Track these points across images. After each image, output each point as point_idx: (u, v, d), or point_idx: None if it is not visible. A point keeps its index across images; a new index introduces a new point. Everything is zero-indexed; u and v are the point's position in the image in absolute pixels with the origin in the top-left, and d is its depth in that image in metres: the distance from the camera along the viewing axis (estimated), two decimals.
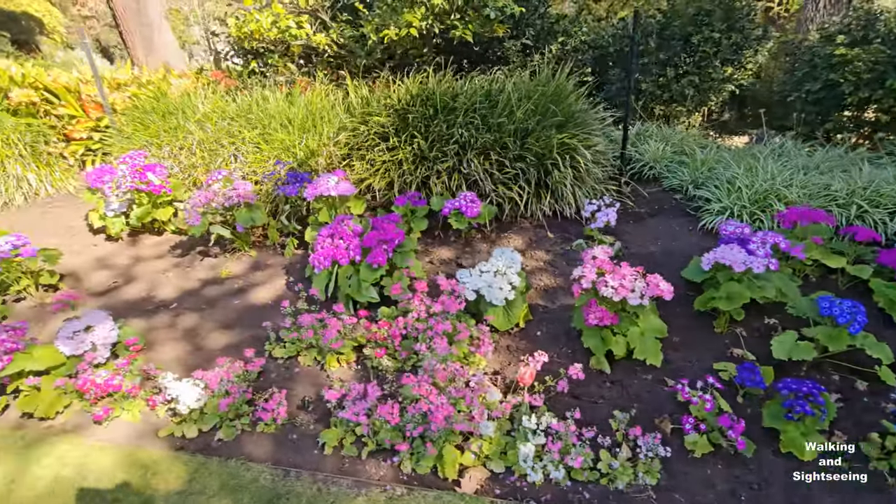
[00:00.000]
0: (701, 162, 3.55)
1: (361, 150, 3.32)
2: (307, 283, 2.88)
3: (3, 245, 2.61)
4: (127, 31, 8.95)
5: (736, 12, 3.93)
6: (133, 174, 3.16)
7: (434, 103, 3.18)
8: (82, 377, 2.09)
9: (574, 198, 3.11)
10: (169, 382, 2.01)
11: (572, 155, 3.07)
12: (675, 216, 3.31)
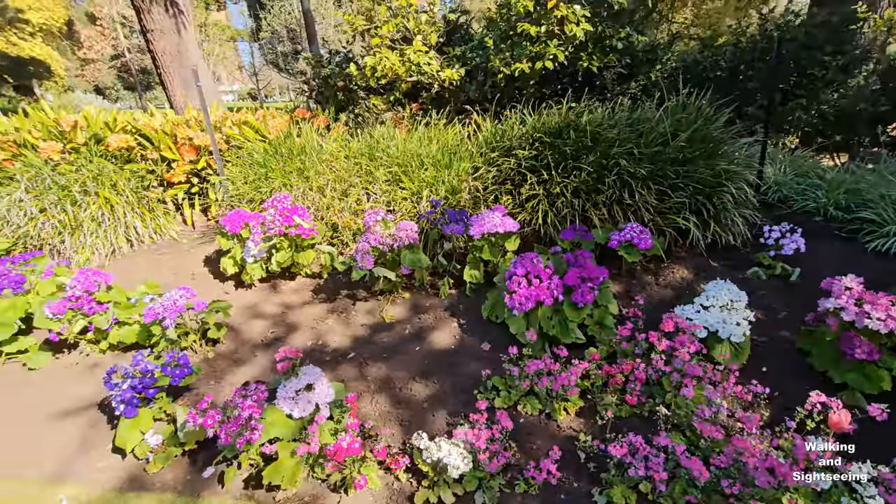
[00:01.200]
0: (836, 183, 3.54)
1: (507, 185, 3.26)
2: (485, 325, 2.77)
3: (177, 300, 2.48)
4: (166, 73, 8.95)
5: (842, 34, 4.01)
6: (283, 218, 3.05)
7: (585, 133, 3.14)
8: (311, 441, 1.94)
9: (737, 225, 3.06)
10: (425, 443, 1.86)
11: (732, 181, 3.03)
12: (827, 239, 3.26)
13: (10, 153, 3.89)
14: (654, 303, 2.82)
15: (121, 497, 1.97)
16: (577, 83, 4.34)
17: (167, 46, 9.04)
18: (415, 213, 3.34)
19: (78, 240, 3.67)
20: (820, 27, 3.99)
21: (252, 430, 1.78)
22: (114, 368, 2.07)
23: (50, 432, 2.28)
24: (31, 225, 3.60)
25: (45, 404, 2.45)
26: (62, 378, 2.63)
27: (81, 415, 2.38)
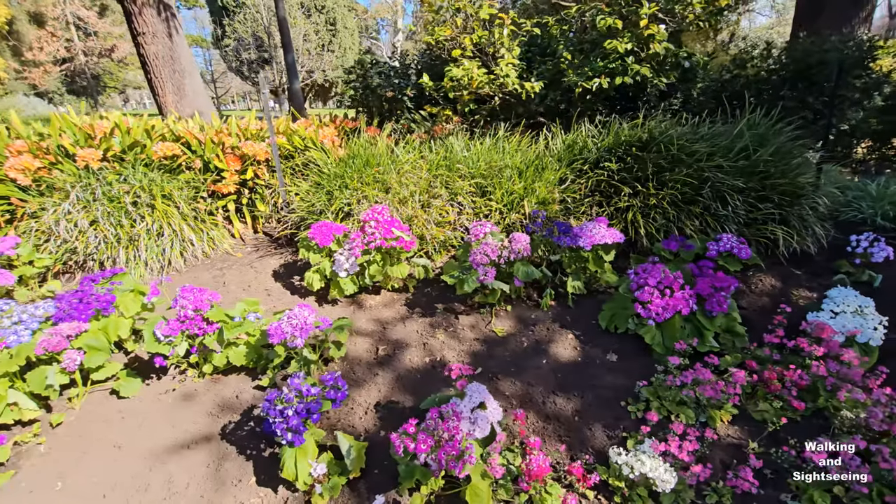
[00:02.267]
0: (881, 195, 3.82)
1: (596, 196, 3.30)
2: (603, 335, 2.77)
3: (307, 318, 2.33)
4: (157, 78, 8.56)
5: (864, 59, 4.37)
6: (384, 230, 2.94)
7: (672, 146, 3.24)
8: (492, 461, 1.86)
9: (814, 235, 3.23)
10: (623, 458, 1.83)
11: (813, 192, 3.21)
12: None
13: (46, 161, 3.56)
14: (756, 309, 2.92)
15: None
16: (625, 99, 4.47)
17: (159, 50, 8.66)
18: (504, 224, 3.32)
19: (130, 255, 3.40)
20: (848, 52, 4.32)
21: (464, 451, 1.68)
22: (275, 394, 1.91)
23: (173, 470, 2.07)
24: (82, 239, 3.29)
25: (152, 438, 2.22)
26: (159, 407, 2.40)
27: (200, 448, 2.17)
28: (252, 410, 2.35)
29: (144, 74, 8.90)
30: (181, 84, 9.14)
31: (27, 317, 2.41)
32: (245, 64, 31.04)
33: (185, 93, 9.20)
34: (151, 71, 8.62)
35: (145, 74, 8.86)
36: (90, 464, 2.11)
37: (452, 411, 1.79)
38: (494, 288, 2.79)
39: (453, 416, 1.76)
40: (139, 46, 8.44)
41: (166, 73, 8.82)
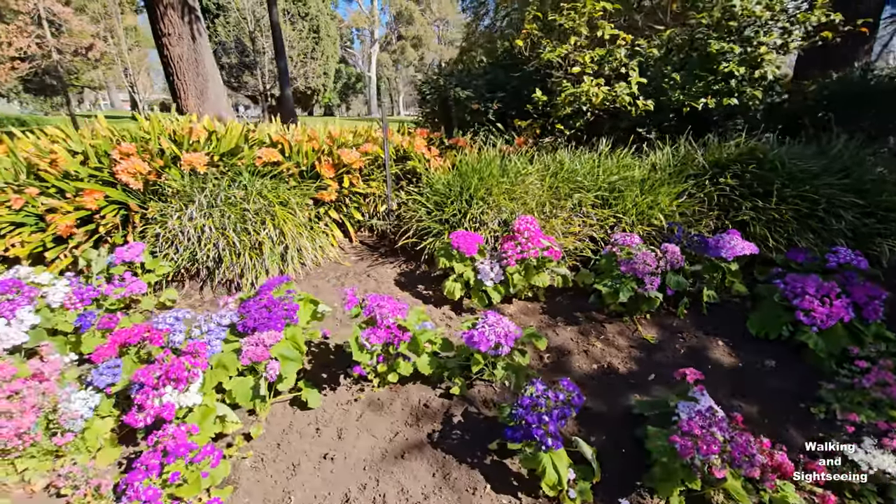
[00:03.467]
0: None
1: (715, 210, 3.48)
2: (753, 342, 2.91)
3: (509, 326, 2.36)
4: (181, 80, 8.36)
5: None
6: (535, 241, 3.00)
7: (786, 165, 3.46)
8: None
9: None
10: (866, 456, 1.95)
11: None
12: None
13: (156, 165, 3.42)
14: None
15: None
16: (694, 118, 4.69)
17: (184, 52, 8.47)
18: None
19: (252, 262, 3.31)
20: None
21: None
22: (528, 400, 1.93)
23: (401, 480, 2.04)
24: (209, 246, 3.19)
25: (357, 448, 2.18)
26: (348, 417, 2.36)
27: (416, 457, 2.15)
28: (452, 418, 2.35)
29: (166, 77, 8.65)
30: (204, 88, 8.93)
31: (214, 326, 2.33)
32: (226, 68, 30.30)
33: (208, 97, 8.99)
34: (174, 73, 8.39)
35: (167, 77, 8.61)
36: (307, 477, 2.06)
37: (699, 413, 1.86)
38: (650, 296, 2.89)
39: (702, 418, 1.84)
40: (163, 48, 8.19)
41: (190, 77, 8.61)
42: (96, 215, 3.24)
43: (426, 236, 3.55)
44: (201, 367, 2.05)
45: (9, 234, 3.12)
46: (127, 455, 2.13)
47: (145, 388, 2.04)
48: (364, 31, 50.31)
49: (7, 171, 3.45)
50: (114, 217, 3.23)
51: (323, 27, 34.10)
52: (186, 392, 2.03)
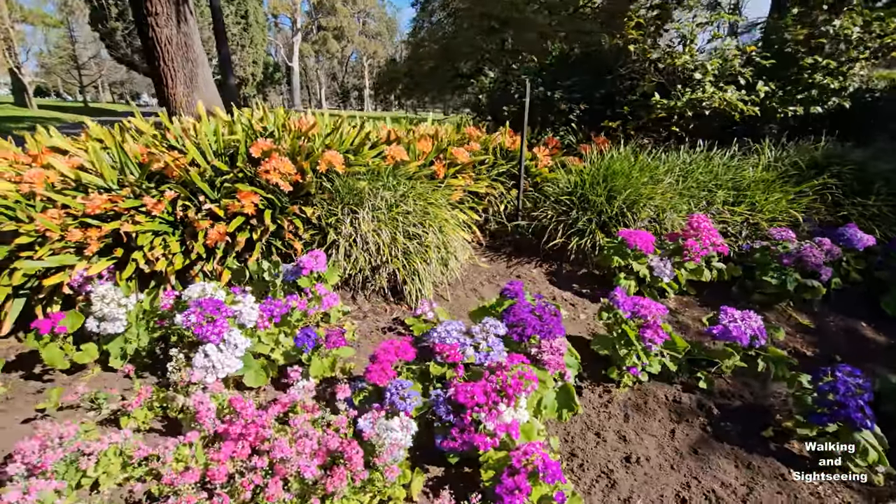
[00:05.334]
0: None
1: (822, 206, 3.89)
2: (891, 321, 3.33)
3: (759, 320, 2.50)
4: (168, 66, 7.56)
5: None
6: (708, 237, 3.17)
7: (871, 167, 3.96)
8: None
9: None
10: None
11: None
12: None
13: (297, 166, 3.09)
14: None
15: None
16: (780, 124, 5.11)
17: (173, 34, 7.70)
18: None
19: (417, 268, 3.14)
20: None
21: None
22: (843, 386, 2.08)
23: (718, 476, 2.11)
24: (385, 251, 2.97)
25: (651, 452, 2.21)
26: (615, 421, 2.37)
27: (709, 452, 2.23)
28: (711, 411, 2.44)
29: (149, 62, 7.73)
30: (194, 74, 8.12)
31: (494, 338, 2.22)
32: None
33: (197, 84, 8.18)
34: (161, 58, 7.54)
35: (151, 62, 7.69)
36: (626, 482, 2.05)
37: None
38: (813, 286, 3.19)
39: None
40: (149, 28, 7.28)
41: (179, 61, 7.79)
42: (252, 220, 2.88)
43: (572, 236, 3.58)
44: (533, 380, 1.95)
45: (147, 246, 2.67)
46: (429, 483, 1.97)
47: (466, 409, 1.91)
48: (282, 18, 47.99)
49: (113, 168, 2.94)
50: (271, 222, 2.89)
51: (252, 13, 32.05)
52: (517, 408, 1.93)
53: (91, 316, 2.48)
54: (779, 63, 4.26)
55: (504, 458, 1.88)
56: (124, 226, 2.61)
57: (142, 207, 2.72)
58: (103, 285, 2.52)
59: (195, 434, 1.94)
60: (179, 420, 2.18)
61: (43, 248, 2.53)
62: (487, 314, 2.51)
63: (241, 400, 2.02)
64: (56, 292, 2.63)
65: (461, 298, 3.29)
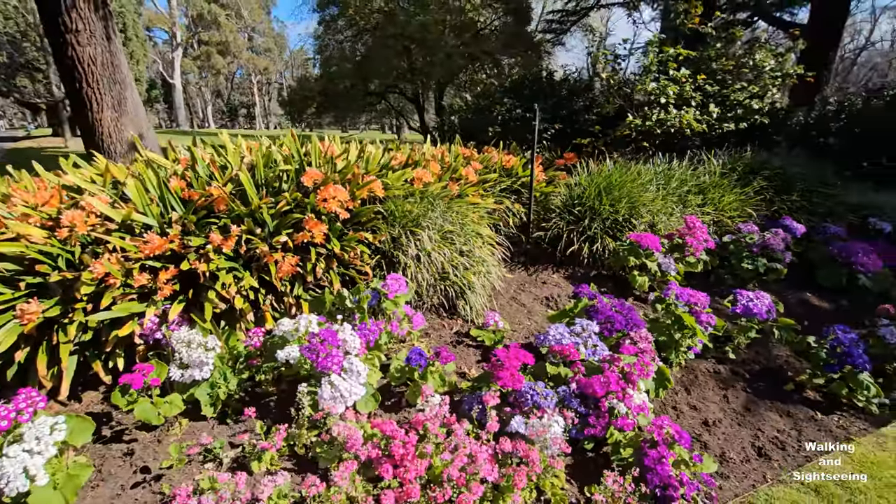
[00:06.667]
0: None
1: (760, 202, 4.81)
2: (824, 290, 4.23)
3: (770, 300, 3.10)
4: (93, 88, 6.97)
5: None
6: (700, 235, 3.80)
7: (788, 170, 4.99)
8: None
9: None
10: None
11: None
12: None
13: (361, 193, 3.14)
14: None
15: None
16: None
17: (97, 53, 7.14)
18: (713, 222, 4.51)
19: (470, 282, 3.36)
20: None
21: None
22: (847, 339, 2.70)
23: (768, 420, 2.62)
24: (448, 268, 3.14)
25: (707, 406, 2.68)
26: (679, 395, 2.80)
27: (755, 405, 2.75)
28: (746, 375, 2.98)
29: (68, 85, 6.97)
30: (122, 97, 7.48)
31: (593, 333, 2.52)
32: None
33: (126, 108, 7.54)
34: (84, 79, 6.87)
35: (70, 85, 6.94)
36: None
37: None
38: (777, 268, 3.97)
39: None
40: (68, 47, 6.60)
41: (105, 84, 7.18)
42: (320, 249, 2.87)
43: (584, 242, 4.03)
44: (649, 365, 2.28)
45: (220, 284, 2.55)
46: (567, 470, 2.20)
47: (600, 398, 2.19)
48: (157, 32, 44.52)
49: (156, 206, 2.76)
50: (341, 251, 2.90)
51: (130, 26, 29.32)
52: (639, 391, 2.25)
53: (172, 364, 2.33)
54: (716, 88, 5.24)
55: (635, 435, 2.19)
56: (198, 265, 2.47)
57: (206, 245, 2.59)
58: (179, 330, 2.39)
59: (352, 464, 1.97)
60: (310, 456, 2.17)
61: (105, 297, 2.32)
62: (566, 317, 2.80)
63: (391, 423, 2.09)
64: (119, 344, 2.40)
65: (505, 307, 3.55)
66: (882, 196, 5.46)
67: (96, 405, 2.46)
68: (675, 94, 4.93)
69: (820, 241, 4.47)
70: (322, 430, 2.20)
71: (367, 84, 20.19)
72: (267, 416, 2.39)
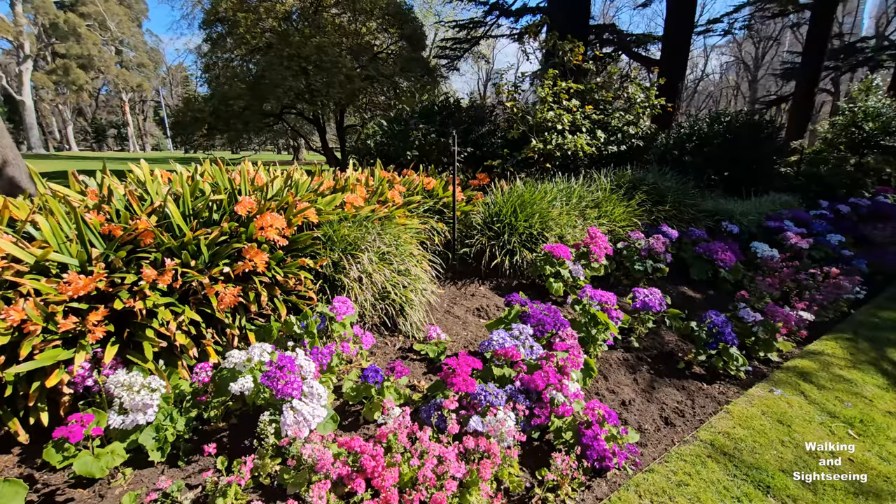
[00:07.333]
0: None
1: (641, 212, 5.64)
2: (696, 283, 5.09)
3: (661, 295, 3.71)
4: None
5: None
6: (604, 243, 4.39)
7: (659, 184, 5.92)
8: None
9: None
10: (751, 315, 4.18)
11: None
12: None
13: (297, 221, 3.18)
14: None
15: None
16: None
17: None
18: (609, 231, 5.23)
19: (406, 299, 3.55)
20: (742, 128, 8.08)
21: None
22: (721, 322, 3.35)
23: (668, 392, 3.16)
24: (389, 288, 3.30)
25: (629, 382, 3.16)
26: (618, 366, 3.25)
27: (657, 382, 3.29)
28: (648, 358, 3.53)
29: None
30: None
31: (528, 335, 2.84)
32: None
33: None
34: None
35: None
36: (631, 395, 2.93)
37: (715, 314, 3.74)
38: (661, 268, 4.71)
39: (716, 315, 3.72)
40: None
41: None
42: (263, 277, 2.85)
43: (505, 255, 4.44)
44: (579, 357, 2.64)
45: (159, 321, 2.44)
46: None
47: (542, 391, 2.51)
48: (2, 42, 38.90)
49: (68, 241, 2.56)
50: (283, 278, 2.91)
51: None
52: (572, 381, 2.60)
53: (111, 411, 2.20)
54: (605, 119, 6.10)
55: (573, 420, 2.52)
56: (133, 303, 2.35)
57: (140, 281, 2.47)
58: (115, 374, 2.26)
59: (325, 483, 2.05)
60: (276, 485, 2.17)
61: (23, 346, 2.12)
62: (502, 323, 3.11)
63: (358, 439, 2.19)
64: (42, 397, 2.19)
65: (442, 321, 3.77)
66: (728, 203, 6.71)
67: (11, 469, 2.20)
68: (570, 122, 5.65)
69: (689, 243, 5.38)
70: (288, 456, 2.22)
71: (262, 105, 19.46)
72: (221, 452, 2.33)
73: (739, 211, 6.25)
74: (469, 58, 31.74)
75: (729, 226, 5.90)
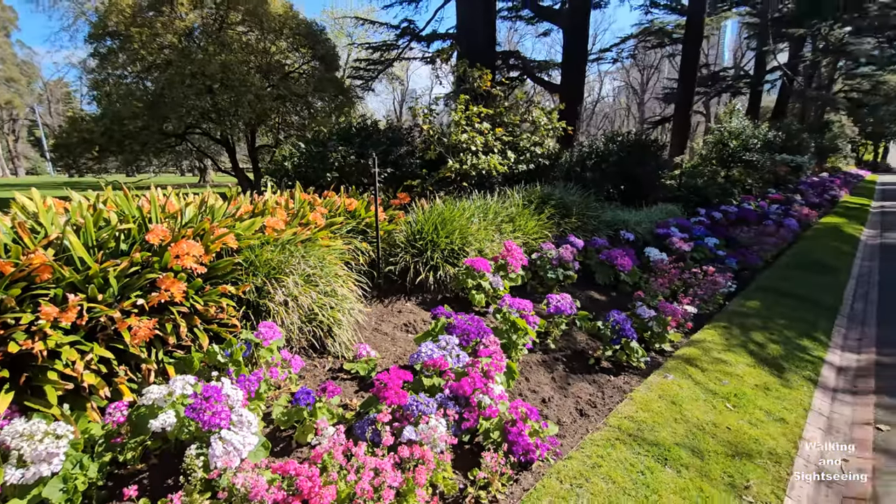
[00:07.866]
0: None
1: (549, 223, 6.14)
2: (601, 287, 5.64)
3: (571, 301, 4.09)
4: None
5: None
6: (518, 255, 4.73)
7: (567, 199, 6.48)
8: None
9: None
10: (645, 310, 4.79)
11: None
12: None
13: (215, 247, 3.10)
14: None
15: None
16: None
17: None
18: (524, 243, 5.63)
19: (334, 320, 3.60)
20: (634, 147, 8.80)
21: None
22: (622, 319, 3.77)
23: (580, 387, 3.49)
24: (316, 310, 3.32)
25: (544, 380, 3.45)
26: (537, 367, 3.51)
27: (573, 378, 3.62)
28: (563, 356, 3.87)
29: None
30: None
31: (455, 345, 3.02)
32: None
33: None
34: None
35: None
36: (549, 392, 3.22)
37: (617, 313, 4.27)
38: (571, 275, 5.16)
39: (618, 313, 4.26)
40: None
41: None
42: (181, 307, 2.75)
43: (429, 271, 4.62)
44: (502, 361, 2.85)
45: (63, 362, 2.28)
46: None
47: (469, 395, 2.69)
48: None
49: None
50: (203, 307, 2.82)
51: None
52: (496, 384, 2.81)
53: (7, 465, 2.01)
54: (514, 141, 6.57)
55: (499, 420, 2.72)
56: (32, 345, 2.17)
57: (38, 321, 2.28)
58: (12, 423, 2.08)
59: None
60: None
61: None
62: (430, 336, 3.26)
63: (292, 462, 2.20)
64: None
65: (371, 339, 3.83)
66: (625, 214, 7.50)
67: None
68: (482, 144, 6.04)
69: (594, 251, 5.95)
70: (218, 488, 2.16)
71: (163, 124, 18.11)
72: (143, 494, 2.20)
73: (634, 220, 7.03)
74: (384, 79, 32.07)
75: (626, 234, 6.61)
